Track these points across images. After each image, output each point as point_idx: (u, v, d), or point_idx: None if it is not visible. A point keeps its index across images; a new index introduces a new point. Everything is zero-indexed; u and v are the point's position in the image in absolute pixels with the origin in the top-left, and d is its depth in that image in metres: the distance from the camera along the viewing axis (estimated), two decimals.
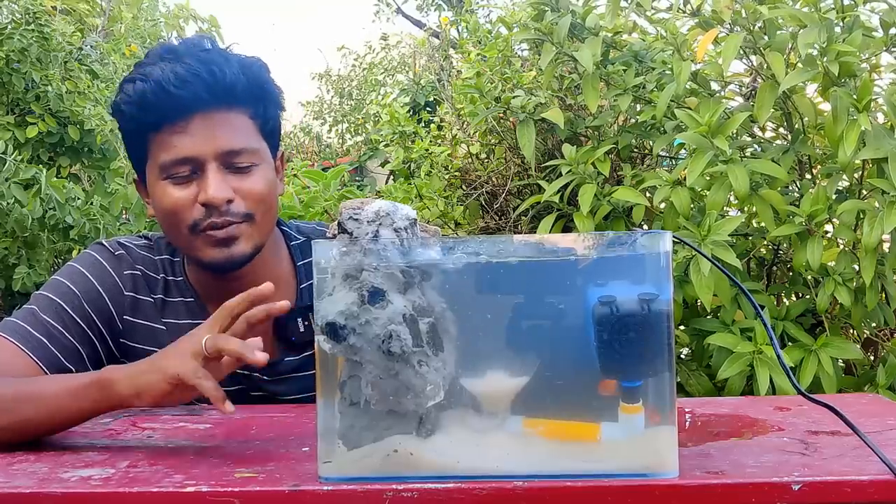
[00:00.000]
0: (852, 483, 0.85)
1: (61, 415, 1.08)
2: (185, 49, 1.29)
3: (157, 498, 0.87)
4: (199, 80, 1.25)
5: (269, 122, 1.34)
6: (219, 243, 1.27)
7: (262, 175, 1.30)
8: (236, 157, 1.28)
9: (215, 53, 1.30)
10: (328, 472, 0.89)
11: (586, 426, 0.89)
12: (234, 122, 1.29)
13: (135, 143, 1.32)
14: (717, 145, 1.86)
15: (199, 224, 1.27)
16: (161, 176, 1.28)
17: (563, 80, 2.41)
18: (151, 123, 1.27)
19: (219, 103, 1.27)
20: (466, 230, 2.70)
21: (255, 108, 1.31)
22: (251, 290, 1.05)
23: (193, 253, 1.30)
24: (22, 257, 2.73)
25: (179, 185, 1.27)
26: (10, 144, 2.64)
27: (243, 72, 1.29)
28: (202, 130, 1.26)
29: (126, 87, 1.28)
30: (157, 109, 1.25)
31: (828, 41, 1.82)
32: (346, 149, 8.06)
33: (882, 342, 2.16)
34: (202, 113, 1.26)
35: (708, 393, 2.01)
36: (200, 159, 1.26)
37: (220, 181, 1.26)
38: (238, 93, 1.28)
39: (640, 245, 0.88)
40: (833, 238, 2.06)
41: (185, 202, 1.27)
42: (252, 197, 1.28)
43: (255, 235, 1.30)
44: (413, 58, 7.49)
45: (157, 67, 1.26)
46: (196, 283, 1.38)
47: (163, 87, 1.24)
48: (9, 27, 2.78)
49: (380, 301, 0.88)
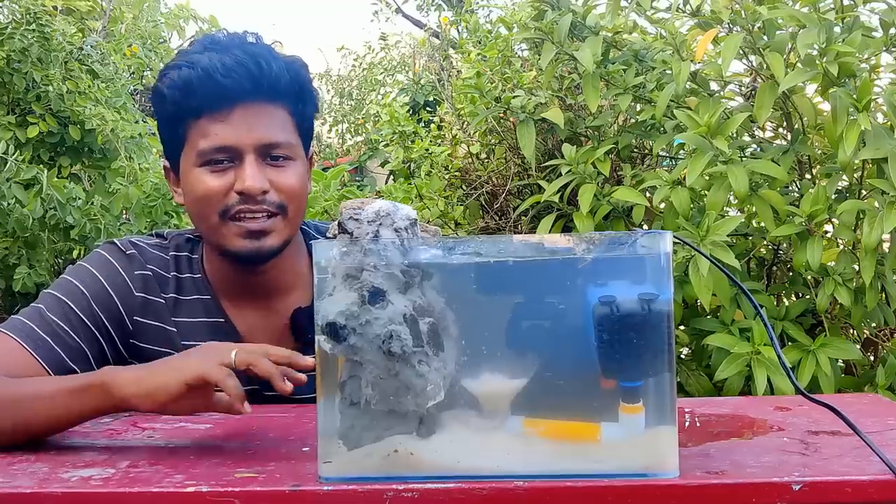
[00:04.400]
0: (852, 483, 0.86)
1: (60, 416, 1.07)
2: (230, 41, 1.30)
3: (158, 498, 0.87)
4: (245, 71, 1.26)
5: (306, 120, 1.36)
6: (250, 235, 1.28)
7: (297, 170, 1.31)
8: (274, 150, 1.29)
9: (262, 47, 1.31)
10: (328, 472, 0.89)
11: (587, 426, 0.89)
12: (274, 116, 1.29)
13: (172, 128, 1.31)
14: (717, 145, 1.86)
15: (230, 210, 1.27)
16: (197, 162, 1.28)
17: (563, 79, 2.41)
18: (193, 110, 1.27)
19: (262, 96, 1.28)
20: (466, 230, 2.70)
21: (295, 105, 1.32)
22: (296, 359, 1.04)
23: (221, 241, 1.30)
24: (22, 257, 2.73)
25: (216, 173, 1.28)
26: (10, 144, 2.64)
27: (287, 68, 1.30)
28: (243, 121, 1.27)
29: (170, 73, 1.29)
30: (200, 96, 1.26)
31: (827, 42, 1.82)
32: (346, 149, 8.06)
33: (882, 342, 2.16)
34: (244, 103, 1.27)
35: (707, 393, 2.01)
36: (239, 149, 1.27)
37: (258, 171, 1.27)
38: (281, 88, 1.29)
39: (640, 245, 0.88)
40: (833, 238, 2.06)
41: (221, 190, 1.27)
42: (286, 190, 1.29)
43: (286, 230, 1.31)
44: (413, 58, 7.48)
45: (203, 56, 1.27)
46: (215, 278, 1.38)
47: (210, 74, 1.25)
48: (9, 27, 2.78)
49: (380, 301, 0.88)
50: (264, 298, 1.37)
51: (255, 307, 1.37)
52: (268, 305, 1.37)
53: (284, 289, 1.37)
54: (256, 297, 1.37)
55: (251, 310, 1.37)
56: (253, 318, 1.37)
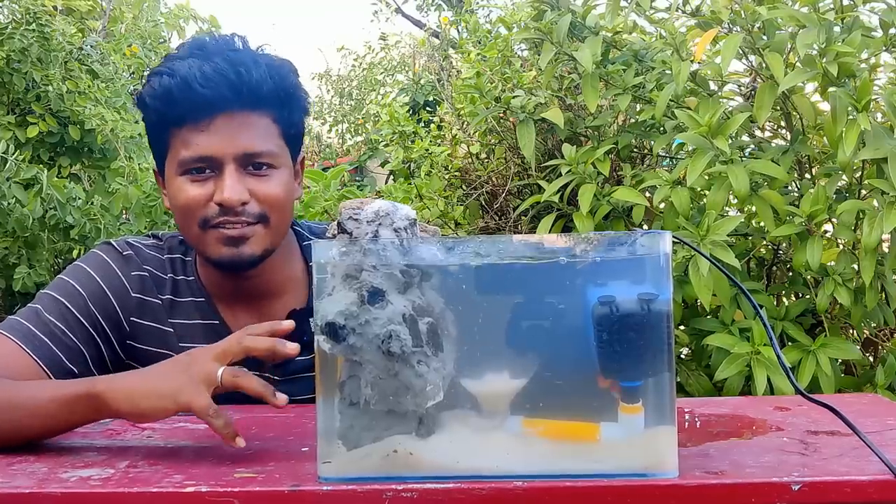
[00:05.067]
0: (852, 483, 0.86)
1: (54, 423, 1.08)
2: (215, 47, 1.29)
3: (157, 498, 0.87)
4: (224, 80, 1.24)
5: (293, 126, 1.34)
6: (229, 241, 1.27)
7: (280, 179, 1.30)
8: (255, 160, 1.27)
9: (245, 54, 1.29)
10: (328, 472, 0.89)
11: (586, 426, 0.89)
12: (256, 124, 1.28)
13: (157, 136, 1.31)
14: (717, 145, 1.86)
15: (210, 220, 1.27)
16: (179, 171, 1.28)
17: (562, 79, 2.41)
18: (174, 119, 1.26)
19: (242, 104, 1.26)
20: (466, 230, 2.70)
21: (280, 111, 1.30)
22: (275, 328, 1.03)
23: (203, 249, 1.30)
24: (22, 257, 2.73)
25: (196, 183, 1.27)
26: (10, 144, 2.64)
27: (271, 74, 1.28)
28: (223, 130, 1.26)
29: (152, 81, 1.28)
30: (180, 106, 1.25)
31: (826, 42, 1.82)
32: (346, 149, 8.05)
33: (882, 342, 2.16)
34: (225, 113, 1.26)
35: (707, 393, 2.01)
36: (219, 159, 1.26)
37: (237, 182, 1.26)
38: (263, 95, 1.27)
39: (639, 245, 0.88)
40: (833, 238, 2.06)
41: (201, 199, 1.27)
42: (268, 201, 1.28)
43: (267, 238, 1.30)
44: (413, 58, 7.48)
45: (184, 63, 1.25)
46: (208, 282, 1.38)
47: (188, 84, 1.24)
48: (9, 27, 2.78)
49: (379, 301, 0.88)
50: (257, 301, 1.37)
51: (249, 310, 1.37)
52: (261, 308, 1.37)
53: (277, 292, 1.37)
54: (249, 299, 1.37)
55: (245, 312, 1.37)
56: (245, 320, 1.36)
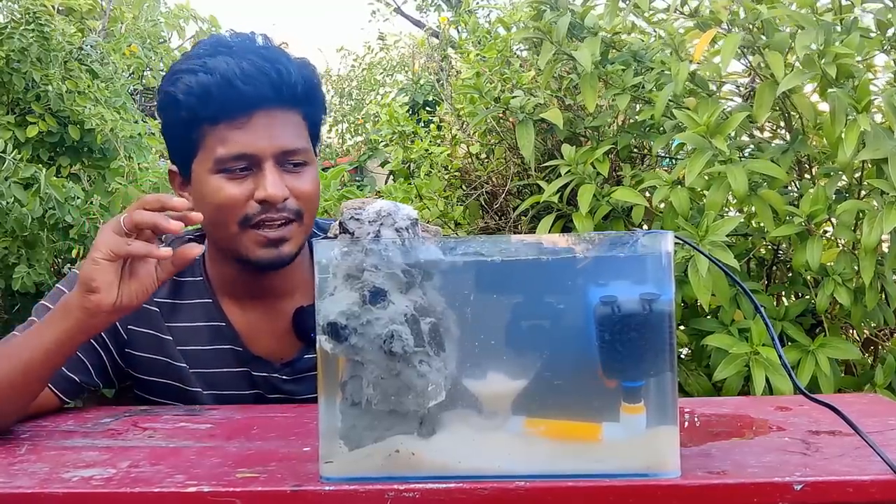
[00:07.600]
0: (854, 483, 0.86)
1: (35, 356, 1.11)
2: (241, 44, 1.28)
3: (159, 498, 0.88)
4: (266, 78, 1.24)
5: (317, 124, 1.35)
6: (270, 243, 1.27)
7: (312, 175, 1.31)
8: (292, 157, 1.28)
9: (277, 52, 1.30)
10: (330, 472, 0.89)
11: (588, 426, 0.89)
12: (291, 122, 1.29)
13: (185, 134, 1.29)
14: (716, 145, 1.86)
15: (251, 218, 1.26)
16: (214, 169, 1.26)
17: (561, 80, 2.41)
18: (209, 116, 1.25)
19: (281, 102, 1.27)
20: (466, 230, 2.70)
21: (307, 109, 1.32)
22: (165, 201, 1.06)
23: (239, 249, 1.29)
24: (22, 257, 2.72)
25: (234, 181, 1.26)
26: (10, 144, 2.63)
27: (302, 73, 1.29)
28: (263, 128, 1.25)
29: (186, 79, 1.25)
30: (219, 103, 1.24)
31: (825, 43, 1.82)
32: (346, 149, 8.05)
33: (882, 342, 2.16)
34: (264, 110, 1.26)
35: (706, 393, 2.01)
36: (258, 156, 1.26)
37: (278, 179, 1.26)
38: (298, 93, 1.28)
39: (641, 245, 0.88)
40: (833, 238, 2.06)
41: (240, 198, 1.26)
42: (304, 196, 1.29)
43: (301, 236, 1.31)
44: (412, 58, 7.48)
45: (219, 61, 1.24)
46: (220, 281, 1.37)
47: (229, 81, 1.23)
48: (9, 27, 2.78)
49: (381, 301, 0.88)
50: (268, 300, 1.37)
51: (258, 309, 1.37)
52: (270, 307, 1.37)
53: (289, 291, 1.37)
54: (261, 298, 1.37)
55: (253, 311, 1.37)
56: (255, 320, 1.36)
